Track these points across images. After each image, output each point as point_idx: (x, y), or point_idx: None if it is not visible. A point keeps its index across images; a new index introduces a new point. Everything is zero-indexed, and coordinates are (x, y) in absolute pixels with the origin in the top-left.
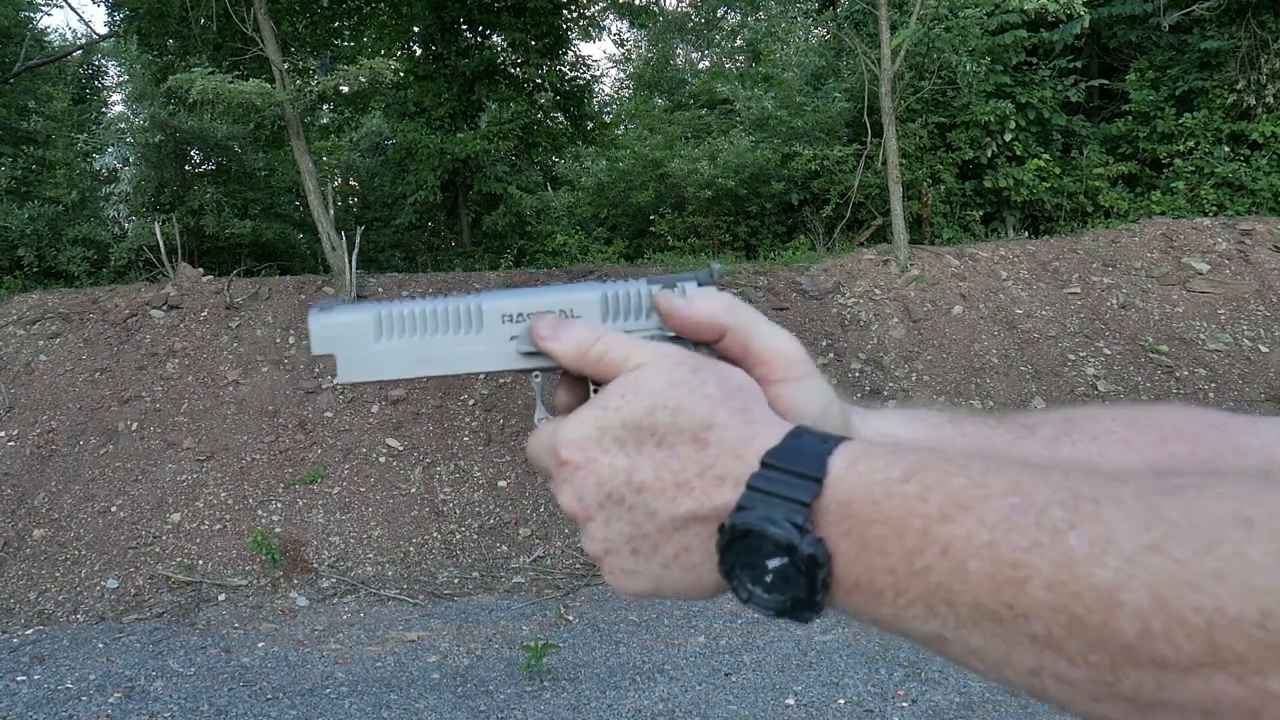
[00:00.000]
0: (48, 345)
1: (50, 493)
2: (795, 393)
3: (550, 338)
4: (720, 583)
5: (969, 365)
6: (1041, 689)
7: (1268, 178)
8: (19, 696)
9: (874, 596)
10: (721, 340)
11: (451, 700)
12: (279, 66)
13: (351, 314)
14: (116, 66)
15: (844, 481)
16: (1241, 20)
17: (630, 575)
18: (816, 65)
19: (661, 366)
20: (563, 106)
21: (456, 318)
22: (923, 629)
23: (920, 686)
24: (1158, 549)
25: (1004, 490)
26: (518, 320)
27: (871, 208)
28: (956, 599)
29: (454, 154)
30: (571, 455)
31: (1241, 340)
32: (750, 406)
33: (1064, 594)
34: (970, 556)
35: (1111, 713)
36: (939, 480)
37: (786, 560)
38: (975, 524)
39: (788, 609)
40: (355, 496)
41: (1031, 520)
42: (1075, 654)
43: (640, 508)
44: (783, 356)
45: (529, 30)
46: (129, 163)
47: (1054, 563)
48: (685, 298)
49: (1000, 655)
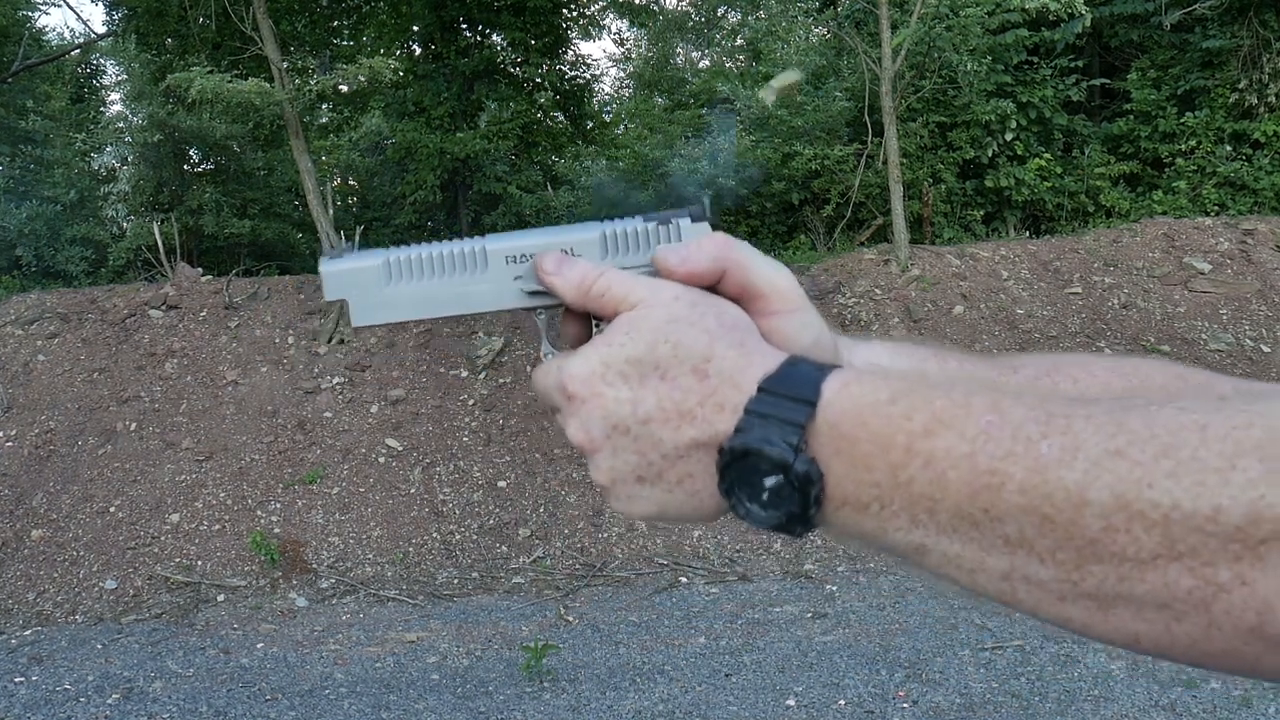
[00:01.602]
0: (46, 345)
1: (49, 493)
2: (788, 324)
3: (554, 273)
4: (720, 504)
5: None
6: (1012, 593)
7: (1269, 177)
8: (17, 697)
9: (860, 509)
10: (720, 282)
11: (451, 701)
12: (278, 66)
13: (361, 260)
14: (115, 66)
15: (835, 404)
16: (1243, 19)
17: (636, 501)
18: (817, 64)
19: (661, 302)
20: (563, 106)
21: (462, 260)
22: (905, 539)
23: (921, 687)
24: (1120, 453)
25: (983, 409)
26: (521, 260)
27: (872, 207)
28: (937, 507)
29: (453, 154)
30: (578, 390)
31: (1243, 340)
32: (746, 339)
33: (1035, 496)
34: (950, 467)
35: (1075, 613)
36: (924, 401)
37: (782, 478)
38: (956, 438)
39: (783, 523)
40: (354, 497)
41: (1008, 433)
42: (1044, 552)
43: (645, 437)
44: (778, 291)
45: (529, 29)
46: (127, 162)
47: (1027, 468)
48: (681, 250)
49: (975, 560)
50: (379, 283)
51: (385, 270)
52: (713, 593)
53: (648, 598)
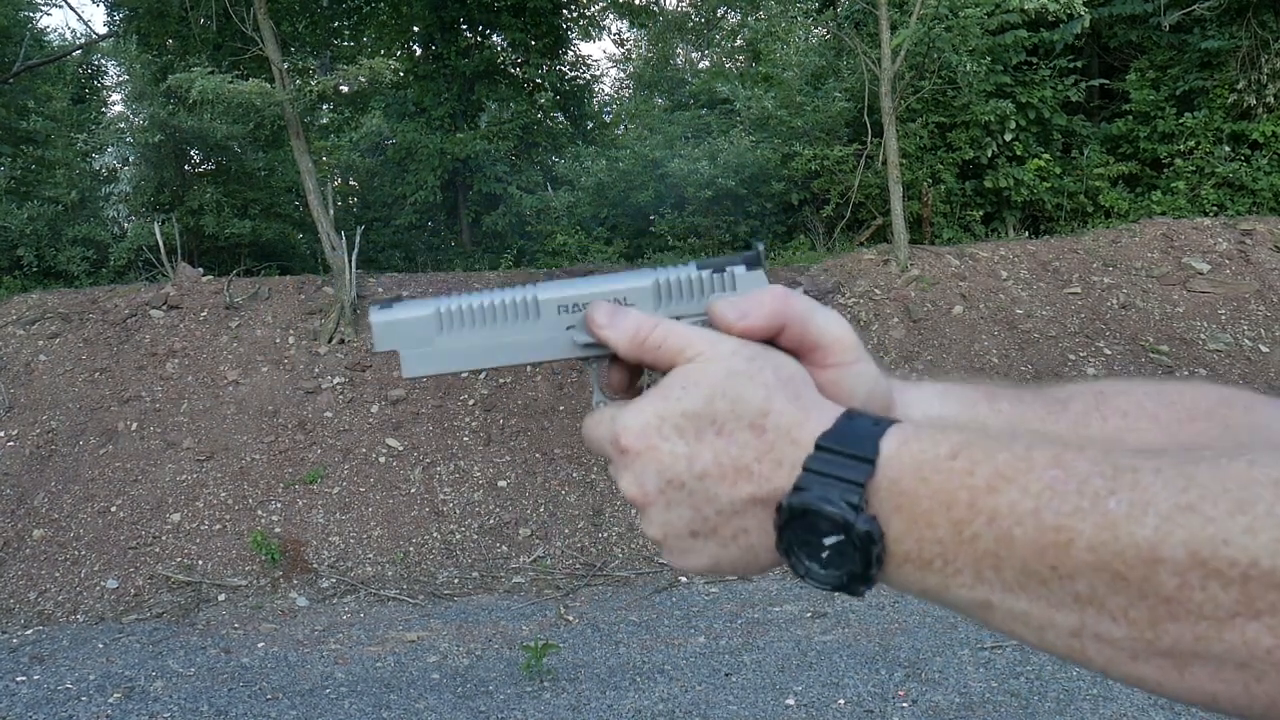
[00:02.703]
0: (47, 345)
1: (50, 493)
2: (846, 376)
3: (607, 326)
4: (775, 560)
5: (969, 365)
6: (1082, 650)
7: (1268, 178)
8: (18, 697)
9: (923, 566)
10: (778, 336)
11: (451, 701)
12: (279, 66)
13: (413, 310)
14: (116, 66)
15: (895, 461)
16: (1242, 20)
17: (690, 555)
18: (816, 65)
19: (719, 356)
20: (563, 106)
21: (514, 310)
22: (969, 595)
23: (920, 687)
24: (1192, 508)
25: (1046, 463)
26: (574, 310)
27: (871, 208)
28: (1003, 564)
29: (454, 154)
30: (631, 443)
31: (1242, 340)
32: (802, 393)
33: (1106, 553)
34: (1015, 524)
35: (1149, 672)
36: (985, 455)
37: (843, 538)
38: (1020, 493)
39: (844, 583)
40: (355, 496)
41: (1073, 488)
42: (1117, 610)
43: (700, 493)
44: (838, 343)
45: (529, 30)
46: (128, 162)
47: (1096, 525)
48: (740, 305)
49: (1044, 618)
50: (430, 333)
51: (436, 320)
52: (712, 592)
53: (648, 597)
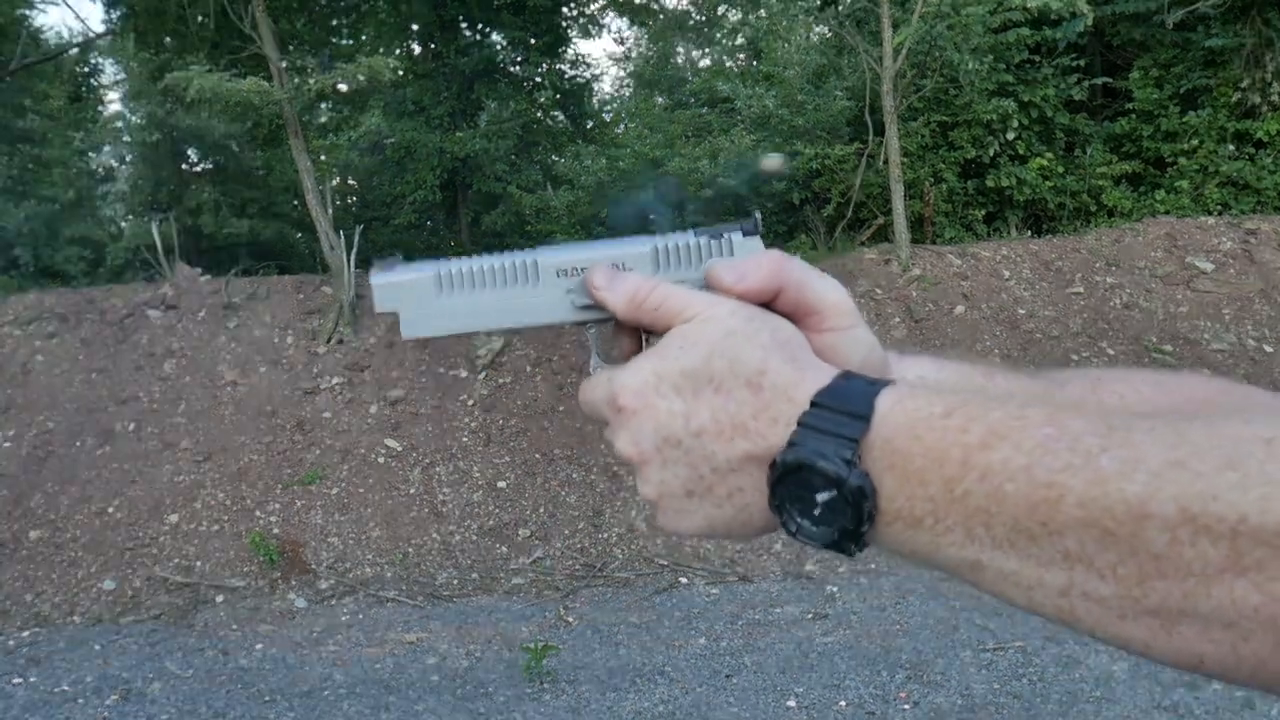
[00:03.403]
0: (44, 345)
1: (47, 494)
2: (842, 341)
3: (605, 288)
4: (769, 520)
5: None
6: (1071, 610)
7: (1272, 176)
8: (15, 699)
9: (913, 524)
10: (775, 299)
11: (450, 702)
12: (277, 65)
13: (412, 272)
14: (113, 65)
15: (889, 418)
16: (1246, 18)
17: (684, 515)
18: (818, 63)
19: (717, 317)
20: (562, 105)
21: (513, 273)
22: (960, 555)
23: (922, 689)
24: (1183, 464)
25: (1040, 421)
26: (572, 274)
27: (873, 207)
28: (994, 520)
29: (453, 153)
30: (629, 401)
31: (1246, 340)
32: (799, 354)
33: (1095, 509)
34: (1007, 480)
35: (1137, 631)
36: (980, 413)
37: (835, 493)
38: (1012, 450)
39: (835, 540)
40: (354, 497)
41: (1065, 445)
42: (1105, 567)
43: (697, 450)
44: (833, 308)
45: (528, 28)
46: (126, 161)
47: (1086, 481)
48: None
49: (1033, 577)
50: (430, 295)
51: (436, 282)
52: (713, 593)
53: (648, 598)
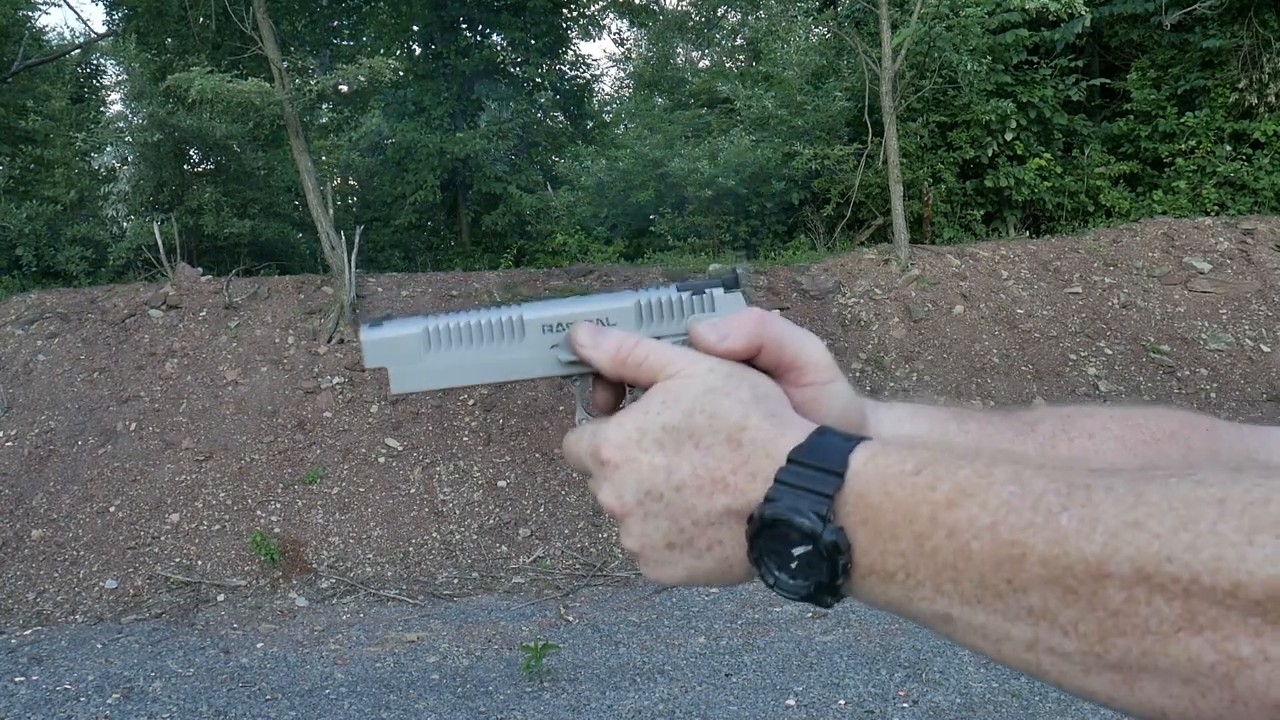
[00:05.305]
0: (46, 345)
1: (49, 493)
2: (821, 395)
3: (589, 345)
4: (749, 571)
5: (970, 365)
6: (1037, 664)
7: (1269, 177)
8: (17, 697)
9: (886, 579)
10: (756, 356)
11: (451, 701)
12: (278, 65)
13: (401, 329)
14: (115, 65)
15: (862, 475)
16: (1243, 19)
17: (665, 566)
18: (817, 64)
19: (697, 373)
20: (562, 106)
21: (500, 329)
22: (930, 608)
23: (921, 687)
24: (1139, 525)
25: (1005, 479)
26: (557, 329)
27: (872, 207)
28: (961, 576)
29: (453, 153)
30: (612, 455)
31: (1243, 340)
32: (778, 410)
33: (1057, 567)
34: (973, 537)
35: (1101, 685)
36: (947, 471)
37: (810, 548)
38: (978, 509)
39: (811, 593)
40: (354, 497)
41: (1029, 504)
42: (1068, 624)
43: (678, 503)
44: (812, 364)
45: (529, 29)
46: (127, 162)
47: (1047, 540)
48: (720, 327)
49: (1000, 631)
50: (418, 351)
51: (425, 339)
52: (712, 592)
53: (648, 597)
